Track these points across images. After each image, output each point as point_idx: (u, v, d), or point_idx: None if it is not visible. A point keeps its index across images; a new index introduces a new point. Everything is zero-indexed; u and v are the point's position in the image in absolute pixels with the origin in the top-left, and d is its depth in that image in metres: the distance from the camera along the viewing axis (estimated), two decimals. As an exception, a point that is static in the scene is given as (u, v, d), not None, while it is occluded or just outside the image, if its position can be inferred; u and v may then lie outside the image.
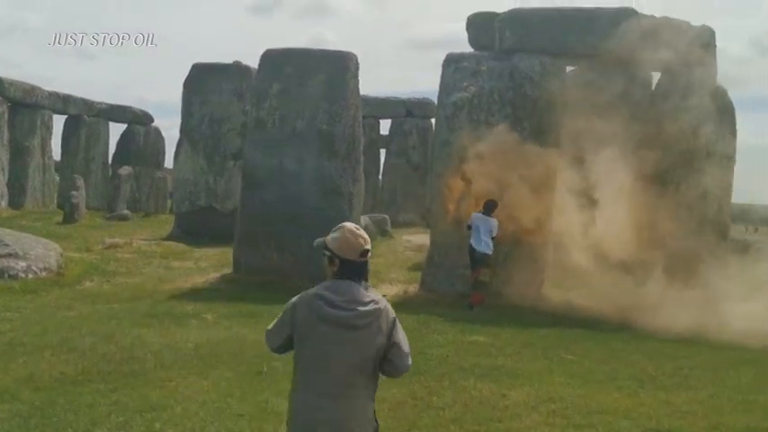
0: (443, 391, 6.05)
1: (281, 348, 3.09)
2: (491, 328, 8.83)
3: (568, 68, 11.63)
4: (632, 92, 11.74)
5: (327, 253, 2.98)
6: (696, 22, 11.04)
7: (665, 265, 10.32)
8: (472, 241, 10.24)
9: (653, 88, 11.94)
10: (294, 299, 3.02)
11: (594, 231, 10.81)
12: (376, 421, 3.03)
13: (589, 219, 10.77)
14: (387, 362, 2.97)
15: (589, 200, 10.73)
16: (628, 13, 10.75)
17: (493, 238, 10.20)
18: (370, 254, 3.00)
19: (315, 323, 2.88)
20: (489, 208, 10.25)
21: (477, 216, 10.28)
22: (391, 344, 2.93)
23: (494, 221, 10.23)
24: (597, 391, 6.35)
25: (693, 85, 10.38)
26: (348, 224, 3.05)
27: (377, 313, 2.89)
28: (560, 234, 11.09)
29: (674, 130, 10.50)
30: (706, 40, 10.95)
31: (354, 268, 2.95)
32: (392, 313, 2.97)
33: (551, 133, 10.93)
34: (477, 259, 10.24)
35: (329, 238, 3.00)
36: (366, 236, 3.02)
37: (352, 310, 2.86)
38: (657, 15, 10.89)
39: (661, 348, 8.28)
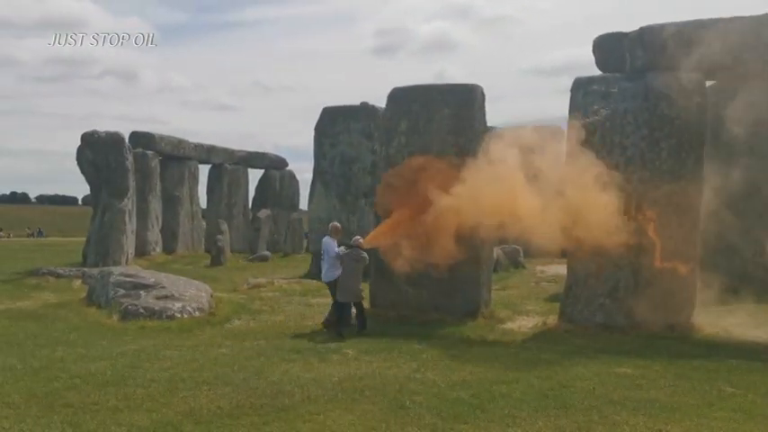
0: (594, 426, 5.80)
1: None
2: (638, 359, 8.40)
3: (708, 83, 11.02)
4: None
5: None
6: None
7: None
8: None
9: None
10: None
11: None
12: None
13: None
14: None
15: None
16: (772, 19, 10.05)
17: None
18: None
19: (345, 261, 10.52)
20: None
21: None
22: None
23: None
24: (765, 427, 5.85)
25: None
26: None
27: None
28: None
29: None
30: None
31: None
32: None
33: (692, 153, 10.37)
34: None
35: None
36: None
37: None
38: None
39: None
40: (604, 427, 5.78)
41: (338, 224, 11.70)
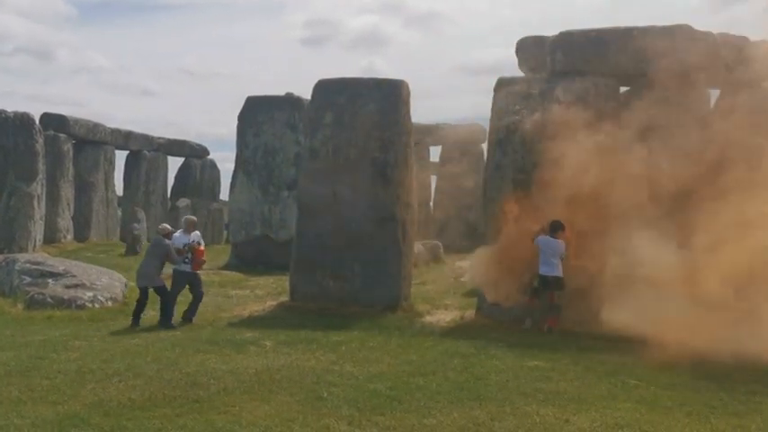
0: (505, 417, 5.96)
1: None
2: (550, 353, 8.68)
3: (623, 89, 11.48)
4: (690, 111, 11.51)
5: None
6: (756, 37, 10.75)
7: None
8: (541, 267, 10.09)
9: (711, 107, 11.68)
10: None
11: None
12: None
13: None
14: None
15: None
16: (683, 31, 10.57)
17: (561, 260, 10.07)
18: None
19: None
20: (555, 229, 10.10)
21: (542, 239, 10.13)
22: None
23: (560, 243, 10.08)
24: (666, 417, 6.16)
25: (756, 103, 10.09)
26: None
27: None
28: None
29: (735, 150, 10.19)
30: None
31: None
32: None
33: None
34: (549, 283, 10.12)
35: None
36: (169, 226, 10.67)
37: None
38: (715, 32, 10.67)
39: (731, 373, 7.98)
40: (515, 418, 5.95)
41: (194, 218, 11.21)
